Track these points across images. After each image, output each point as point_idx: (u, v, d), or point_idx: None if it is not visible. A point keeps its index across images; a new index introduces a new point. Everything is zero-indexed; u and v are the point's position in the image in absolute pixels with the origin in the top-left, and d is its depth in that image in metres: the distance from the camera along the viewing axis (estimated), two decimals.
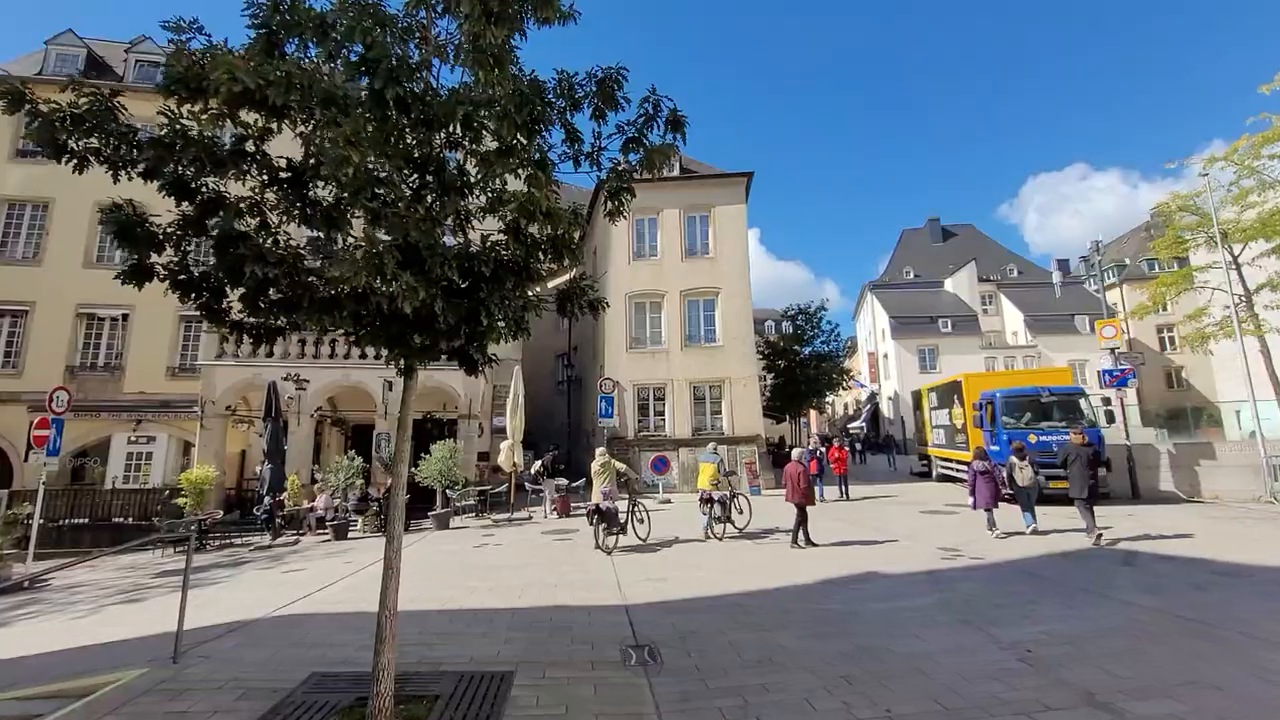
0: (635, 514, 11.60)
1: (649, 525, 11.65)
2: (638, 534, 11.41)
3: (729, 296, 21.60)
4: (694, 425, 21.04)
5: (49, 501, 16.05)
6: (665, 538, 11.61)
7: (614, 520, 10.68)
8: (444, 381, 17.81)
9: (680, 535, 11.93)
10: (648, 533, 11.51)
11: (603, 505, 10.68)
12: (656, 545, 11.04)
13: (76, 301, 19.44)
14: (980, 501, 10.91)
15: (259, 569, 10.85)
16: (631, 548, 10.82)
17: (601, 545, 10.56)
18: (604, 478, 11.10)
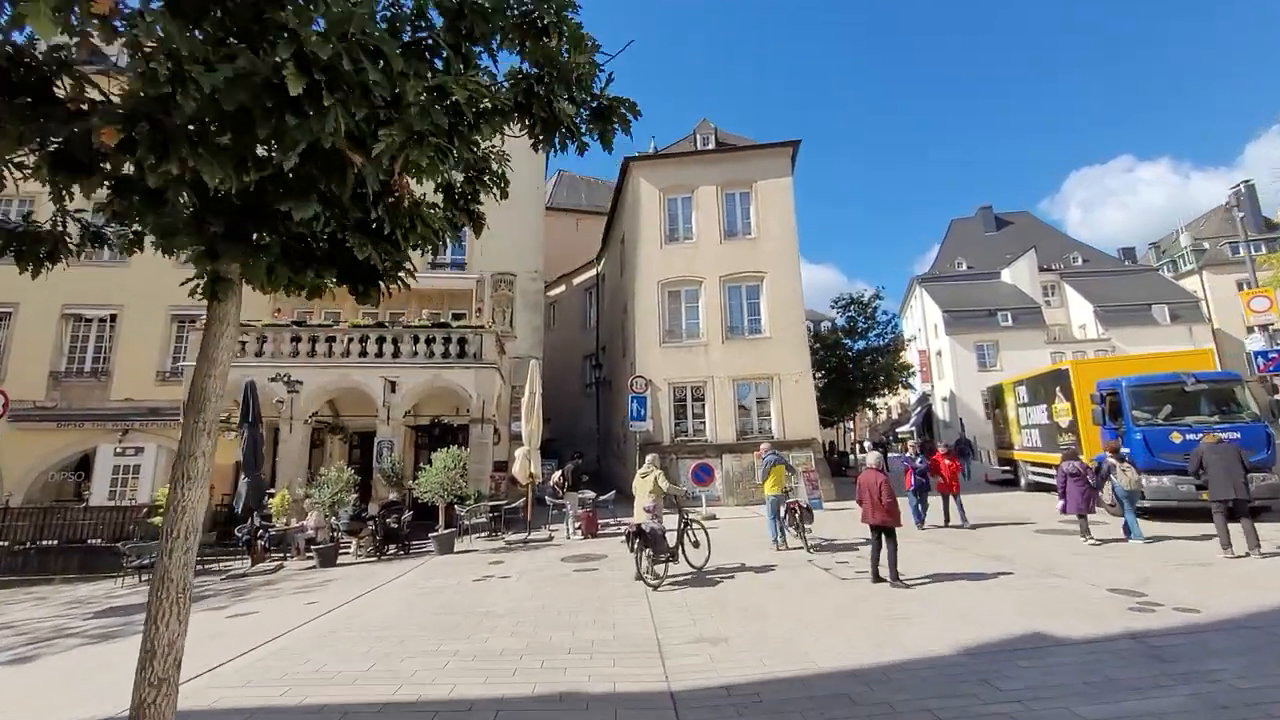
0: (688, 535, 9.25)
1: (707, 549, 9.25)
2: (691, 561, 9.04)
3: (775, 281, 18.98)
4: (739, 428, 18.43)
5: (11, 522, 14.45)
6: (722, 565, 9.10)
7: (660, 545, 8.36)
8: (453, 380, 15.61)
9: (738, 561, 9.46)
10: (705, 559, 9.13)
11: (646, 526, 8.34)
12: (714, 575, 8.61)
13: (63, 302, 17.91)
14: (1071, 506, 9.97)
15: (207, 610, 8.67)
16: (681, 579, 8.43)
17: (645, 575, 8.27)
18: (649, 492, 8.80)
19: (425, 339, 15.81)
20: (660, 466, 18.16)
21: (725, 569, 9.00)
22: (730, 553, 9.98)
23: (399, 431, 15.86)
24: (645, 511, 8.67)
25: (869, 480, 7.86)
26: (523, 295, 19.68)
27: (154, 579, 3.04)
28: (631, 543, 8.45)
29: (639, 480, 9.18)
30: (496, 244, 19.68)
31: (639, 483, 9.13)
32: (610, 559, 10.09)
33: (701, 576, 8.56)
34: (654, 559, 8.35)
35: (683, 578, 8.53)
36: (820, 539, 10.71)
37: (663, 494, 9.00)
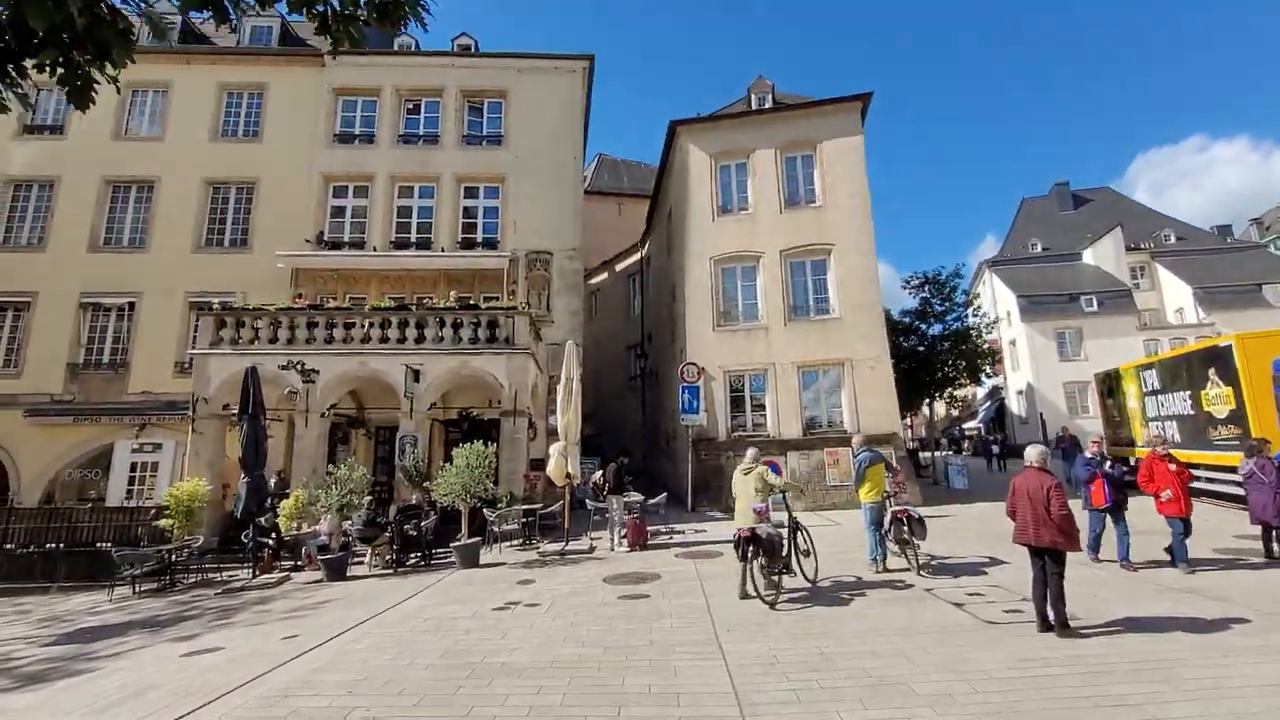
0: (798, 542, 7.77)
1: (815, 559, 7.76)
2: (805, 573, 7.68)
3: (845, 254, 16.59)
4: (805, 421, 16.14)
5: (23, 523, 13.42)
6: (817, 592, 7.00)
7: (778, 554, 6.98)
8: (482, 368, 13.88)
9: (830, 582, 7.58)
10: (815, 570, 7.75)
11: (762, 532, 6.92)
12: (827, 593, 6.95)
13: (80, 290, 17.01)
14: (1259, 513, 7.95)
15: (168, 641, 7.05)
16: (788, 598, 6.84)
17: (759, 593, 6.84)
18: (754, 490, 7.30)
19: (452, 322, 14.14)
20: (704, 458, 16.42)
21: (822, 596, 6.87)
22: (823, 566, 7.84)
23: (424, 426, 14.24)
24: (754, 514, 7.07)
25: (1031, 484, 5.60)
26: (560, 276, 17.85)
27: None
28: (742, 551, 6.96)
29: (740, 477, 7.57)
30: (531, 219, 17.96)
31: (740, 480, 7.54)
32: (664, 580, 8.08)
33: (815, 592, 6.74)
34: (769, 570, 6.86)
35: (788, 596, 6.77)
36: (928, 556, 8.46)
37: (771, 492, 7.44)
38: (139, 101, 18.59)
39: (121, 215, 17.80)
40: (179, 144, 18.13)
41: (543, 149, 18.47)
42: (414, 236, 17.96)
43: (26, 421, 16.13)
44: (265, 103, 18.58)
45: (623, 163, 36.06)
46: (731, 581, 7.77)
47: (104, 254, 17.40)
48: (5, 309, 17.03)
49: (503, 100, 18.93)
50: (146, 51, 18.74)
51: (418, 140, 18.61)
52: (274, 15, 19.73)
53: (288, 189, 17.85)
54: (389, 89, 18.71)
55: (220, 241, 17.76)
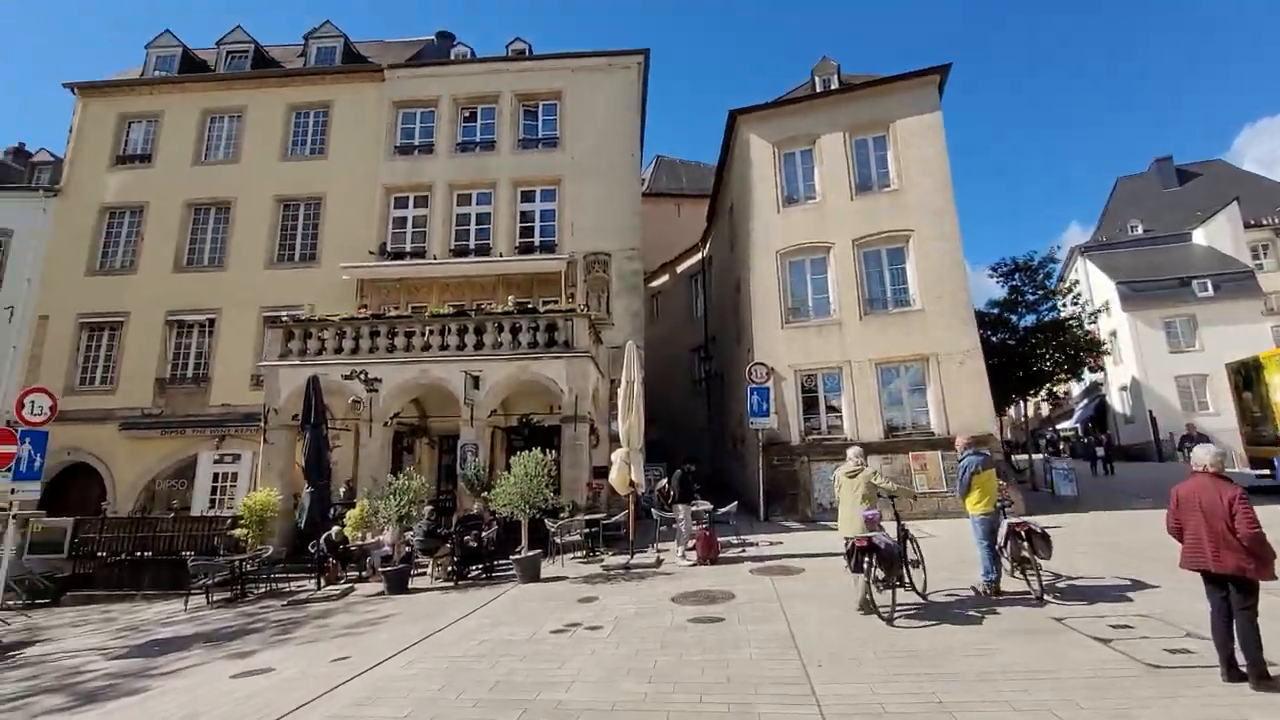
0: (904, 553, 6.96)
1: (925, 571, 7.02)
2: (916, 586, 7.00)
3: (925, 240, 15.26)
4: (886, 423, 14.88)
5: (111, 532, 14.01)
6: (925, 616, 6.06)
7: (896, 566, 6.40)
8: (540, 373, 13.47)
9: (945, 590, 6.86)
10: (925, 583, 7.08)
11: (881, 541, 6.27)
12: (940, 612, 6.09)
13: (166, 309, 17.86)
14: None
15: (225, 658, 6.84)
16: (904, 613, 6.10)
17: (875, 606, 6.25)
18: (860, 497, 6.69)
19: (510, 326, 13.82)
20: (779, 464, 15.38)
21: (934, 613, 5.91)
22: (912, 594, 6.84)
23: (485, 433, 13.97)
24: (866, 521, 6.48)
25: (1204, 495, 4.47)
26: (619, 277, 17.32)
27: None
28: (856, 561, 6.27)
29: (844, 480, 6.90)
30: (588, 220, 17.55)
31: (845, 484, 6.87)
32: (739, 601, 7.26)
33: (928, 607, 5.95)
34: (883, 581, 6.29)
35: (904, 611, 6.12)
36: (1051, 576, 7.28)
37: (879, 496, 6.82)
38: (216, 127, 19.46)
39: (202, 236, 18.62)
40: (252, 165, 18.83)
41: (599, 148, 18.05)
42: (473, 243, 17.89)
43: (121, 435, 17.01)
44: (330, 120, 19.06)
45: (681, 163, 35.39)
46: (817, 603, 6.90)
47: (187, 274, 18.24)
48: (102, 329, 18.10)
49: (557, 102, 18.66)
50: (224, 78, 19.67)
51: (474, 147, 18.59)
52: (337, 34, 20.28)
53: (352, 202, 18.18)
54: (446, 98, 18.80)
55: (291, 256, 18.27)
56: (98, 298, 18.11)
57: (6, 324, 18.21)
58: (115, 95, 19.84)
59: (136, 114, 19.74)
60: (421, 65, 19.59)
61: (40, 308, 18.12)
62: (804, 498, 14.66)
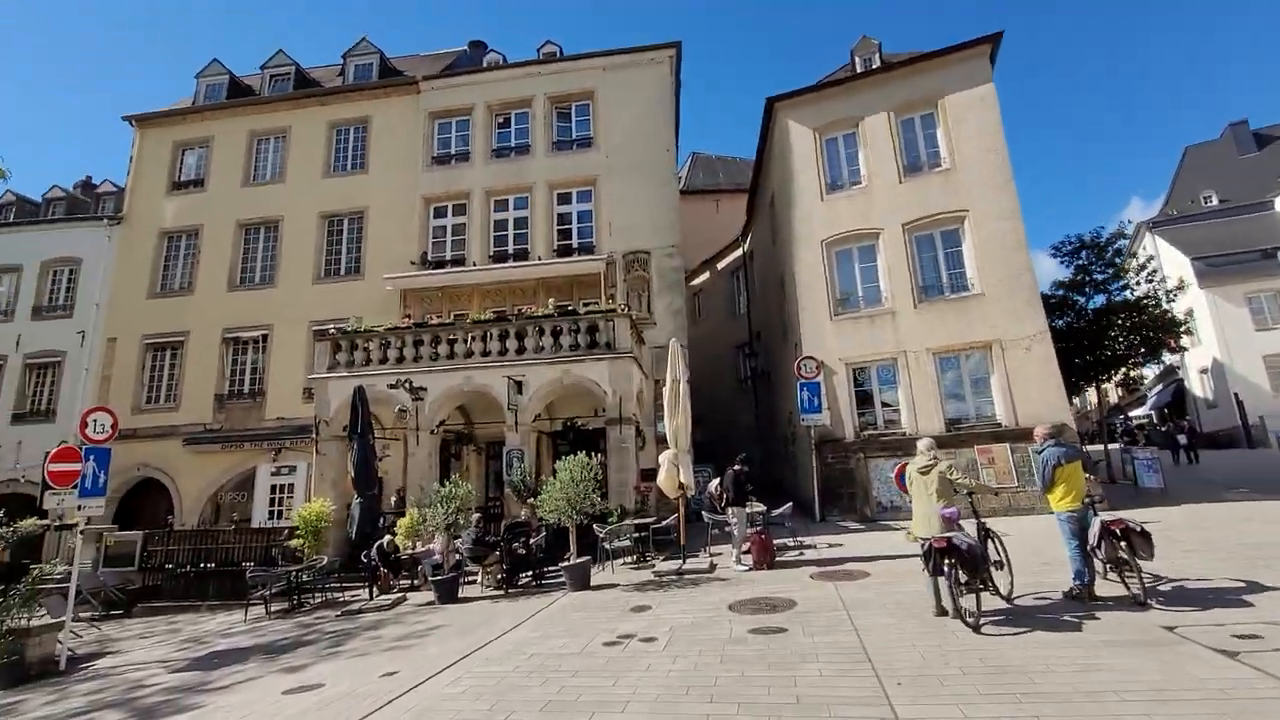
0: (991, 551, 6.40)
1: (1010, 572, 6.43)
2: (1000, 589, 6.30)
3: (983, 220, 14.39)
4: (947, 415, 14.08)
5: (177, 545, 14.44)
6: (1015, 623, 5.50)
7: (980, 567, 5.75)
8: (583, 375, 13.25)
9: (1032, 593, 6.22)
10: (1010, 585, 6.44)
11: (961, 541, 5.64)
12: (1030, 618, 5.48)
13: (222, 327, 18.46)
14: None
15: (277, 672, 6.79)
16: (990, 619, 5.55)
17: (958, 612, 5.69)
18: (933, 492, 6.25)
19: (551, 330, 13.67)
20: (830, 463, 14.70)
21: (1023, 620, 5.33)
22: (995, 599, 6.25)
23: (530, 438, 13.82)
24: (944, 520, 5.98)
25: None
26: (659, 275, 16.99)
27: None
28: (934, 564, 5.76)
29: (916, 477, 6.49)
30: (626, 219, 17.29)
31: (917, 480, 6.45)
32: (801, 609, 6.79)
33: (1015, 612, 5.40)
34: (964, 585, 5.64)
35: (989, 617, 5.57)
36: (1151, 578, 6.56)
37: (955, 491, 6.29)
38: (262, 148, 20.05)
39: (253, 255, 19.19)
40: (297, 183, 19.32)
41: (634, 146, 17.79)
42: (511, 248, 17.87)
43: (184, 450, 17.64)
44: (369, 135, 19.39)
45: (718, 159, 34.86)
46: (888, 611, 6.39)
47: (240, 292, 18.82)
48: (164, 349, 18.84)
49: (590, 102, 18.49)
50: (268, 101, 20.24)
51: (510, 153, 18.59)
52: (373, 50, 20.64)
53: (393, 214, 18.43)
54: (480, 106, 18.87)
55: (336, 271, 18.63)
56: (159, 319, 18.87)
57: (79, 347, 19.16)
58: (169, 125, 20.68)
59: (189, 141, 20.53)
60: (454, 75, 19.73)
61: (108, 330, 19.00)
62: (862, 496, 13.99)
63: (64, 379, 19.02)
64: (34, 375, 19.40)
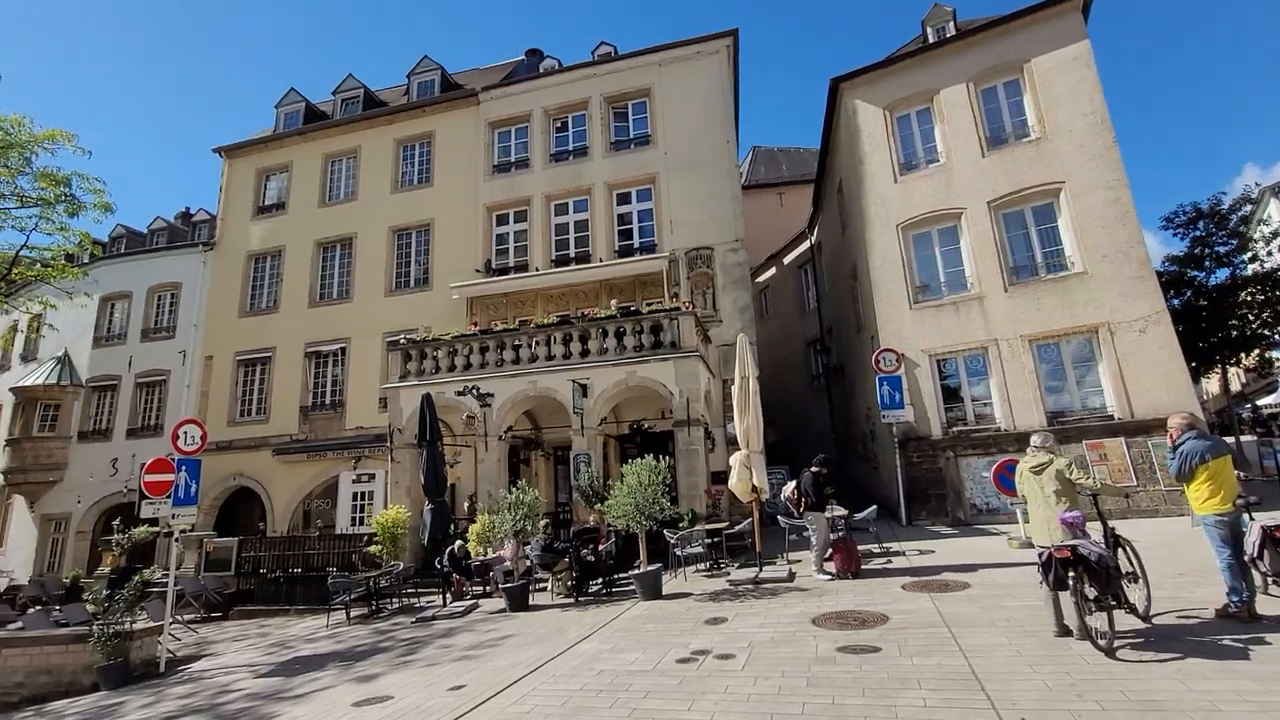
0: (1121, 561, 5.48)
1: (1146, 585, 5.42)
2: (1134, 605, 5.31)
3: (1082, 191, 13.05)
4: (1048, 408, 12.81)
5: (267, 551, 15.11)
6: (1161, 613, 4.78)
7: (1113, 581, 4.91)
8: (648, 376, 12.90)
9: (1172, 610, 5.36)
10: (1147, 600, 5.40)
11: (1088, 551, 4.81)
12: (1175, 640, 4.67)
13: (305, 342, 19.33)
14: None
15: (350, 681, 6.77)
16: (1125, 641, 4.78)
17: (1090, 633, 4.81)
18: (1052, 493, 5.46)
19: (615, 331, 13.42)
20: (915, 462, 13.61)
21: (1168, 644, 4.51)
22: (1128, 617, 5.38)
23: (596, 442, 13.59)
24: (1065, 526, 5.16)
25: None
26: (724, 271, 16.44)
27: None
28: (1055, 576, 4.90)
29: (1028, 476, 5.71)
30: (687, 215, 16.87)
31: (1029, 480, 5.68)
32: (895, 625, 6.13)
33: (1154, 634, 4.50)
34: (1099, 603, 4.78)
35: (1125, 639, 4.82)
36: None
37: (1077, 492, 5.50)
38: (336, 169, 20.94)
39: (330, 271, 20.03)
40: (368, 200, 20.03)
41: (693, 140, 17.33)
42: (573, 251, 17.80)
43: (274, 460, 18.55)
44: (433, 149, 19.86)
45: (780, 151, 33.79)
46: (997, 629, 5.65)
47: (320, 307, 19.66)
48: (255, 364, 19.93)
49: (646, 99, 18.20)
50: (340, 123, 21.12)
51: (568, 156, 18.55)
52: (435, 67, 21.18)
53: (458, 224, 18.76)
54: (537, 111, 18.94)
55: (406, 283, 19.15)
56: (249, 337, 19.99)
57: (181, 365, 20.58)
58: (253, 153, 21.96)
59: (271, 167, 21.71)
60: (512, 83, 19.93)
61: (205, 349, 20.31)
62: (953, 498, 12.93)
63: (169, 396, 20.47)
64: (144, 393, 20.98)
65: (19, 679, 8.95)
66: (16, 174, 14.00)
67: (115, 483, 19.80)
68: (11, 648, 9.19)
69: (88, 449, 20.81)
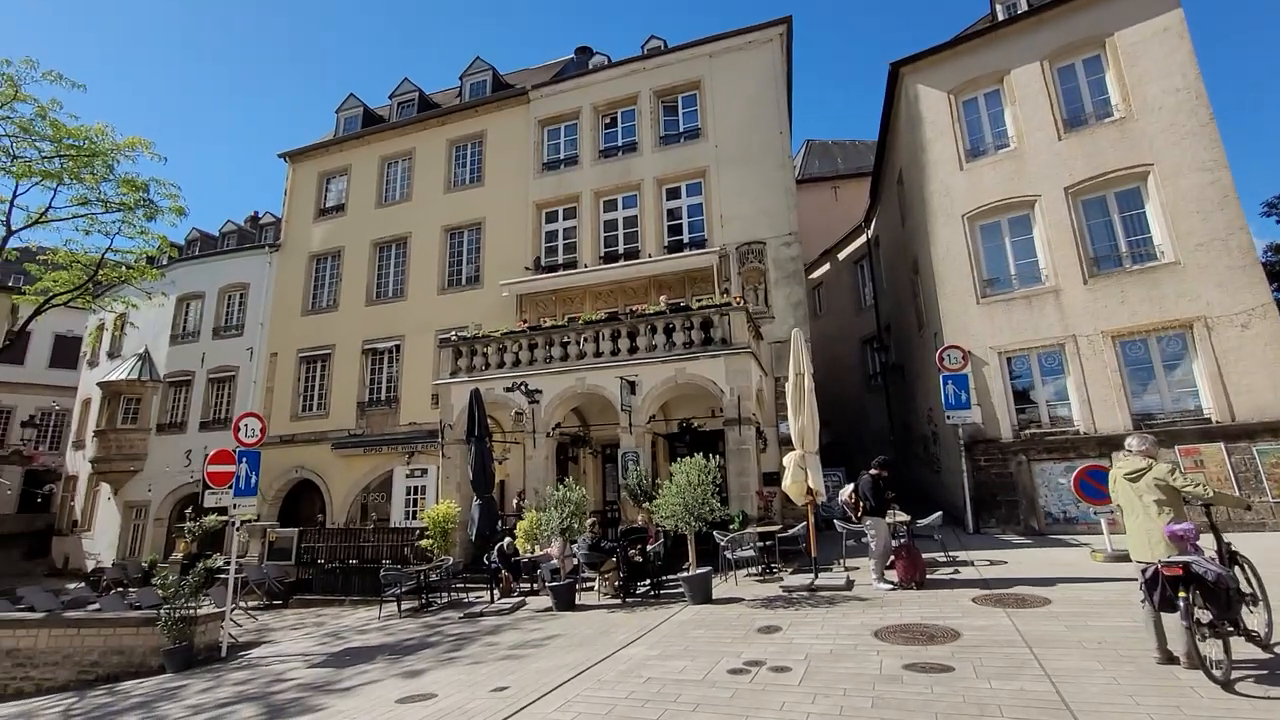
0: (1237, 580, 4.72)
1: (1267, 608, 4.70)
2: (1253, 631, 4.55)
3: (1173, 173, 11.96)
4: (1133, 410, 11.79)
5: (325, 542, 15.53)
6: None
7: (1233, 603, 4.25)
8: (698, 374, 12.57)
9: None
10: (1268, 626, 4.68)
11: (1199, 568, 4.21)
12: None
13: (362, 339, 19.85)
14: None
15: (396, 675, 6.74)
16: (1243, 672, 4.19)
17: (1203, 662, 4.17)
18: (1154, 502, 4.75)
19: (664, 327, 13.16)
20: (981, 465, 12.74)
21: None
22: (1247, 645, 4.73)
23: (644, 441, 13.35)
24: (1172, 539, 4.51)
25: None
26: (776, 265, 15.93)
27: None
28: (1160, 596, 4.37)
29: (1123, 483, 4.98)
30: (738, 209, 16.44)
31: (1124, 488, 4.97)
32: (968, 642, 5.63)
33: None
34: (1215, 629, 4.20)
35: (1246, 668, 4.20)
36: None
37: (1185, 501, 4.78)
38: (391, 171, 21.44)
39: (386, 271, 20.52)
40: (422, 200, 20.42)
41: (744, 132, 16.88)
42: (621, 248, 17.62)
43: (333, 454, 19.12)
44: (484, 148, 20.07)
45: (834, 144, 32.75)
46: (1086, 651, 5.10)
47: (376, 306, 20.17)
48: (315, 361, 20.61)
49: (696, 91, 17.84)
50: (395, 126, 21.60)
51: (617, 152, 18.39)
52: (486, 68, 21.41)
53: (508, 223, 18.88)
54: (586, 108, 18.86)
55: (458, 281, 19.41)
56: (310, 334, 20.69)
57: (249, 362, 21.49)
58: (315, 157, 22.73)
59: (331, 171, 22.43)
60: (561, 80, 19.92)
61: (270, 346, 21.15)
62: (1026, 505, 12.08)
63: (238, 391, 21.41)
64: (215, 388, 22.03)
65: (94, 658, 9.40)
66: (101, 180, 14.82)
67: (188, 473, 20.82)
68: (89, 628, 9.67)
69: (165, 440, 22.01)
